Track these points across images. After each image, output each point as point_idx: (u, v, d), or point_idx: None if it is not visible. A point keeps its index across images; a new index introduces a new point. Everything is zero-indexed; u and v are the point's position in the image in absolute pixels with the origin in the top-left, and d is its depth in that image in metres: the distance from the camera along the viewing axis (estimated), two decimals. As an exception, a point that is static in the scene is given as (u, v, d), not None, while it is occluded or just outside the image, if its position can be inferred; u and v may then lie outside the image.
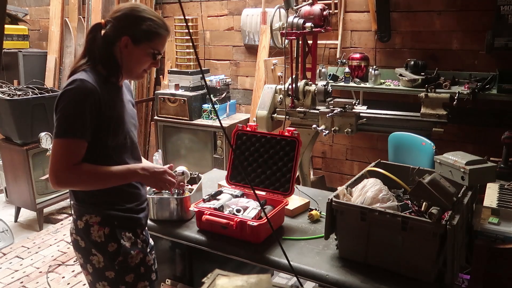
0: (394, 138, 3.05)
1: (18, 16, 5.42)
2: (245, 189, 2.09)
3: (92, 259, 1.61)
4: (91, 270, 1.63)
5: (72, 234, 1.64)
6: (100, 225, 1.59)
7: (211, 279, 1.71)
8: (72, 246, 1.68)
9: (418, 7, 3.55)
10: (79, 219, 1.60)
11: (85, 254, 1.62)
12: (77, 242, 1.63)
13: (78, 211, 1.61)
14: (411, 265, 1.53)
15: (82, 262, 1.66)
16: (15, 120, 3.61)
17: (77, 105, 1.47)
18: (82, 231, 1.60)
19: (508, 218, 1.76)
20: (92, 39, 1.57)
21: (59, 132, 1.48)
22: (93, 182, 1.55)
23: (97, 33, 1.56)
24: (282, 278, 2.87)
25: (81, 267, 1.69)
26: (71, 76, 1.53)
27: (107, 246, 1.60)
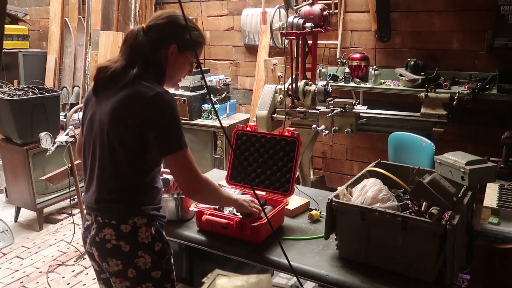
0: (394, 138, 3.05)
1: (18, 16, 5.42)
2: (245, 189, 2.09)
3: (138, 262, 1.55)
4: (133, 274, 1.56)
5: (109, 241, 1.54)
6: (147, 226, 1.57)
7: (211, 279, 1.71)
8: (106, 255, 1.57)
9: (418, 7, 3.56)
10: (124, 222, 1.54)
11: (128, 258, 1.55)
12: (118, 248, 1.55)
13: (121, 215, 1.55)
14: (411, 265, 1.53)
15: (119, 268, 1.56)
16: (15, 120, 3.61)
17: (177, 117, 1.55)
18: (128, 235, 1.55)
19: (508, 218, 1.76)
20: (139, 44, 1.55)
21: (178, 145, 1.51)
22: (212, 198, 1.68)
23: (142, 38, 1.56)
24: (282, 278, 2.87)
25: (113, 276, 1.59)
26: (136, 85, 1.51)
27: (154, 246, 1.58)
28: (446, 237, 1.44)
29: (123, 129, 1.51)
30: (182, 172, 1.53)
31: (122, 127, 1.51)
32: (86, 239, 1.63)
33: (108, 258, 1.56)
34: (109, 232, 1.55)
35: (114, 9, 4.75)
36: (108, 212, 1.56)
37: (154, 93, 1.49)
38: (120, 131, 1.51)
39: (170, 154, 1.52)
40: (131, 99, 1.50)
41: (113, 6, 4.76)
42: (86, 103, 1.66)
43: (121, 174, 1.55)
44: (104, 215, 1.57)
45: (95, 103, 1.60)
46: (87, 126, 1.62)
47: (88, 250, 1.65)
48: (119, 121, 1.51)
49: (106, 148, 1.55)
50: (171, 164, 1.53)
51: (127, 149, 1.53)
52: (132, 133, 1.50)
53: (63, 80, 5.22)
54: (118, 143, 1.52)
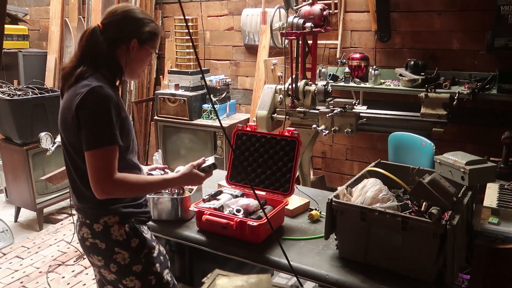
0: (394, 138, 3.05)
1: (18, 16, 5.42)
2: (245, 189, 2.09)
3: (116, 257, 1.61)
4: (115, 269, 1.63)
5: (87, 239, 1.61)
6: (120, 224, 1.61)
7: (211, 279, 1.71)
8: (88, 251, 1.65)
9: (418, 7, 3.55)
10: (96, 222, 1.59)
11: (107, 254, 1.61)
12: (95, 246, 1.61)
13: (93, 215, 1.60)
14: (411, 265, 1.53)
15: (102, 263, 1.64)
16: (15, 120, 3.61)
17: (105, 112, 1.48)
18: (101, 234, 1.60)
19: (508, 218, 1.76)
20: (94, 44, 1.56)
21: (94, 142, 1.48)
22: (135, 191, 1.62)
23: (98, 37, 1.56)
24: (282, 278, 2.87)
25: (101, 269, 1.67)
26: (78, 83, 1.52)
27: (130, 243, 1.62)
28: (446, 237, 1.44)
29: (68, 130, 1.54)
30: (91, 171, 1.49)
31: (67, 128, 1.54)
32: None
33: (90, 254, 1.65)
34: (86, 230, 1.62)
35: (114, 9, 4.75)
36: (83, 212, 1.63)
37: (87, 88, 1.49)
38: (67, 133, 1.55)
39: (85, 151, 1.49)
40: (70, 98, 1.52)
41: (113, 6, 4.76)
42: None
43: (82, 176, 1.55)
44: (81, 215, 1.64)
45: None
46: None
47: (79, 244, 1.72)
48: (64, 122, 1.54)
49: (65, 152, 1.60)
50: (86, 162, 1.50)
51: (77, 150, 1.54)
52: (74, 133, 1.52)
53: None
54: (69, 145, 1.56)
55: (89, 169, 1.49)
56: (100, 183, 1.49)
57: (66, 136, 1.57)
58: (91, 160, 1.48)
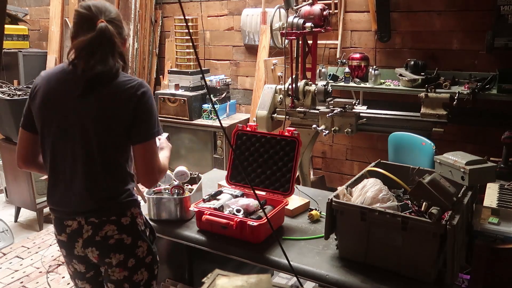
0: (394, 138, 3.05)
1: (18, 16, 5.42)
2: (245, 189, 2.09)
3: (137, 252, 1.61)
4: (132, 264, 1.61)
5: (112, 237, 1.57)
6: (140, 213, 1.64)
7: (211, 279, 1.71)
8: (109, 251, 1.58)
9: (418, 7, 3.56)
10: (123, 215, 1.58)
11: (130, 250, 1.60)
12: (121, 242, 1.58)
13: (120, 209, 1.58)
14: (411, 265, 1.53)
15: (120, 260, 1.60)
16: (15, 120, 3.61)
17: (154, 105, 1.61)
18: (128, 227, 1.59)
19: (508, 218, 1.76)
20: (111, 41, 1.52)
21: (157, 131, 1.58)
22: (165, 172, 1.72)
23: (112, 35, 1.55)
24: (282, 278, 2.87)
25: (114, 268, 1.61)
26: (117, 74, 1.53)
27: (146, 232, 1.65)
28: (446, 237, 1.44)
29: (111, 126, 1.56)
30: (146, 162, 1.59)
31: (109, 124, 1.56)
32: (75, 244, 1.59)
33: (111, 253, 1.58)
34: (111, 228, 1.56)
35: (114, 9, 4.75)
36: (106, 210, 1.56)
37: (140, 82, 1.60)
38: (108, 130, 1.56)
39: (142, 143, 1.57)
40: (117, 94, 1.58)
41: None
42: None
43: (114, 171, 1.58)
44: (101, 214, 1.56)
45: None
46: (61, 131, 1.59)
47: (78, 254, 1.61)
48: (105, 120, 1.56)
49: (91, 152, 1.54)
50: (139, 153, 1.58)
51: (118, 144, 1.58)
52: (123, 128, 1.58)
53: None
54: (106, 142, 1.56)
55: (144, 160, 1.56)
56: (155, 171, 1.57)
57: (103, 134, 1.54)
58: (145, 150, 1.55)
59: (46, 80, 1.57)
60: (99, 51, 1.49)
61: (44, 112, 1.57)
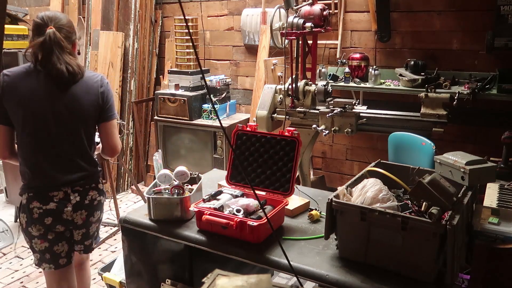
0: (394, 138, 3.05)
1: (18, 16, 5.41)
2: (245, 189, 2.09)
3: (103, 206, 2.18)
4: (98, 216, 2.14)
5: (95, 199, 2.07)
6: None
7: (211, 279, 1.71)
8: (92, 211, 2.08)
9: (418, 7, 3.56)
10: (99, 182, 2.09)
11: (102, 206, 2.16)
12: (100, 202, 2.11)
13: (98, 177, 2.09)
14: (411, 265, 1.53)
15: (98, 217, 2.14)
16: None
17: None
18: (102, 190, 2.12)
19: (508, 218, 1.76)
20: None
21: (115, 114, 2.05)
22: None
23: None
24: (282, 278, 2.87)
25: (93, 223, 2.13)
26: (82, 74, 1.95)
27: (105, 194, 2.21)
28: (446, 237, 1.44)
29: (89, 109, 2.00)
30: (112, 137, 2.07)
31: (87, 108, 2.00)
32: (64, 210, 1.97)
33: (95, 212, 2.10)
34: (94, 193, 2.07)
35: (114, 9, 4.75)
36: (90, 179, 2.04)
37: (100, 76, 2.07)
38: (88, 113, 2.00)
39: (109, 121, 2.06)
40: (88, 86, 2.02)
41: (113, 6, 4.76)
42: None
43: (91, 145, 2.05)
44: (86, 183, 2.02)
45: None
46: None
47: (66, 218, 1.99)
48: (84, 105, 1.99)
49: (77, 130, 1.97)
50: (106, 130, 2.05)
51: (94, 124, 2.04)
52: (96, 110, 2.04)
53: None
54: (89, 121, 2.01)
55: (110, 135, 2.04)
56: (117, 144, 2.06)
57: (86, 116, 1.95)
58: (112, 127, 2.04)
59: (14, 80, 1.87)
60: (51, 51, 1.84)
61: (22, 108, 1.87)
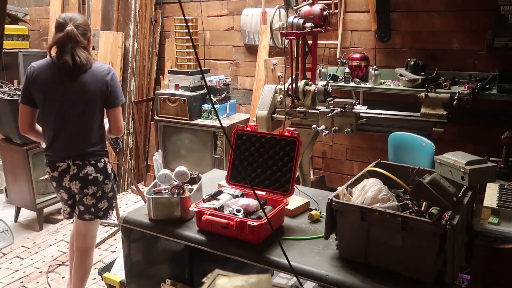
0: (394, 138, 3.05)
1: (18, 16, 5.42)
2: (245, 189, 2.09)
3: (104, 187, 2.44)
4: (99, 195, 2.43)
5: (91, 174, 2.36)
6: (110, 162, 2.51)
7: (211, 279, 1.71)
8: (86, 184, 2.36)
9: (418, 7, 3.55)
10: (99, 161, 2.40)
11: (100, 184, 2.41)
12: (96, 178, 2.39)
13: (97, 156, 2.39)
14: (411, 265, 1.53)
15: (93, 191, 2.40)
16: (15, 120, 3.60)
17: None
18: (102, 169, 2.41)
19: (508, 218, 1.76)
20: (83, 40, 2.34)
21: (120, 100, 2.40)
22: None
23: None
24: (282, 278, 2.87)
25: (88, 196, 2.40)
26: (91, 65, 2.32)
27: (112, 176, 2.49)
28: (446, 237, 1.44)
29: (96, 96, 2.35)
30: (118, 120, 2.43)
31: (94, 94, 2.35)
32: (63, 179, 2.36)
33: (89, 185, 2.38)
34: (90, 168, 2.37)
35: (114, 9, 4.75)
36: (90, 155, 2.36)
37: (107, 67, 2.42)
38: (94, 98, 2.35)
39: (115, 108, 2.41)
40: (95, 75, 2.38)
41: (113, 6, 4.76)
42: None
43: (98, 127, 2.38)
44: (84, 158, 2.35)
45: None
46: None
47: (65, 185, 2.38)
48: (91, 92, 2.35)
49: (85, 114, 2.33)
50: (113, 114, 2.42)
51: (102, 108, 2.39)
52: (102, 97, 2.39)
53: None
54: (96, 107, 2.35)
55: (118, 118, 2.41)
56: (121, 126, 2.45)
57: (95, 100, 2.32)
58: (117, 112, 2.41)
59: (39, 70, 2.34)
60: (65, 45, 2.26)
61: (42, 93, 2.30)
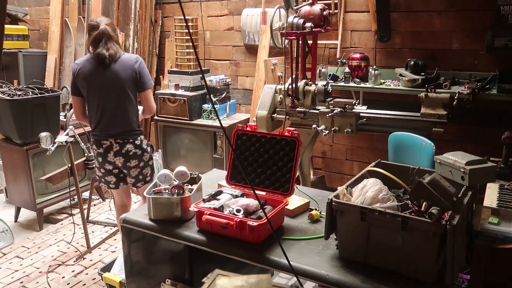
0: (394, 138, 3.05)
1: (18, 16, 5.42)
2: (245, 189, 2.09)
3: (143, 158, 2.92)
4: (142, 164, 2.91)
5: (131, 151, 2.84)
6: (145, 138, 2.98)
7: (211, 279, 1.71)
8: (129, 158, 2.84)
9: (418, 7, 3.55)
10: (136, 139, 2.87)
11: (140, 157, 2.90)
12: (135, 153, 2.86)
13: (134, 135, 2.86)
14: (411, 265, 1.53)
15: (136, 163, 2.88)
16: (15, 120, 3.61)
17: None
18: (139, 145, 2.88)
19: (508, 218, 1.76)
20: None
21: (150, 84, 2.87)
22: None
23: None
24: (282, 278, 2.87)
25: (133, 169, 2.89)
26: (122, 55, 2.80)
27: (148, 149, 2.98)
28: (446, 237, 1.44)
29: (130, 80, 2.81)
30: (150, 101, 2.92)
31: (128, 79, 2.81)
32: (108, 154, 2.82)
33: (131, 160, 2.86)
34: (129, 146, 2.84)
35: (114, 9, 4.75)
36: (128, 134, 2.83)
37: (136, 56, 2.90)
38: (129, 83, 2.81)
39: (146, 90, 2.89)
40: (126, 63, 2.82)
41: (113, 6, 4.76)
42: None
43: (133, 108, 2.86)
44: (124, 138, 2.82)
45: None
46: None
47: (109, 160, 2.84)
48: (127, 78, 2.80)
49: (121, 96, 2.79)
50: (145, 96, 2.90)
51: (134, 91, 2.86)
52: (134, 81, 2.85)
53: (63, 80, 5.22)
54: (129, 90, 2.81)
55: (149, 100, 2.89)
56: (153, 107, 2.94)
57: (127, 85, 2.78)
58: (148, 94, 2.88)
59: (81, 65, 2.76)
60: (99, 41, 2.73)
61: (86, 84, 2.77)
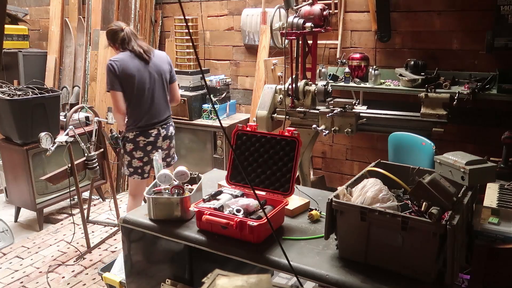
0: (394, 138, 3.05)
1: (18, 16, 5.42)
2: (245, 189, 2.09)
3: (174, 137, 3.32)
4: (173, 144, 3.32)
5: (172, 132, 3.25)
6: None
7: (211, 279, 1.71)
8: (170, 140, 3.25)
9: (418, 7, 3.56)
10: (172, 123, 3.27)
11: (174, 137, 3.29)
12: (172, 135, 3.25)
13: (171, 119, 3.25)
14: (411, 265, 1.53)
15: (173, 144, 3.30)
16: (15, 120, 3.61)
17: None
18: (174, 128, 3.29)
19: (508, 218, 1.76)
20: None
21: (176, 77, 3.30)
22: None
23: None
24: (282, 278, 2.87)
25: (170, 148, 3.29)
26: (153, 51, 3.13)
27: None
28: (446, 237, 1.44)
29: (166, 73, 3.17)
30: (177, 92, 3.35)
31: (165, 72, 3.17)
32: (157, 140, 3.12)
33: (172, 140, 3.27)
34: (171, 128, 3.24)
35: (114, 9, 4.75)
36: (168, 120, 3.21)
37: (164, 53, 3.35)
38: (165, 75, 3.16)
39: (175, 82, 3.31)
40: (161, 57, 3.21)
41: (113, 6, 4.76)
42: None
43: (167, 98, 3.21)
44: (166, 123, 3.18)
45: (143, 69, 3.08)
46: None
47: (159, 145, 3.14)
48: (163, 70, 3.16)
49: (160, 87, 3.12)
50: (174, 88, 3.30)
51: (167, 83, 3.20)
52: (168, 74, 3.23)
53: (63, 80, 5.22)
54: (165, 81, 3.16)
55: (177, 90, 3.30)
56: (179, 96, 3.35)
57: (166, 76, 3.15)
58: (176, 86, 3.28)
59: (122, 62, 2.95)
60: (130, 40, 3.02)
61: (136, 78, 2.99)
